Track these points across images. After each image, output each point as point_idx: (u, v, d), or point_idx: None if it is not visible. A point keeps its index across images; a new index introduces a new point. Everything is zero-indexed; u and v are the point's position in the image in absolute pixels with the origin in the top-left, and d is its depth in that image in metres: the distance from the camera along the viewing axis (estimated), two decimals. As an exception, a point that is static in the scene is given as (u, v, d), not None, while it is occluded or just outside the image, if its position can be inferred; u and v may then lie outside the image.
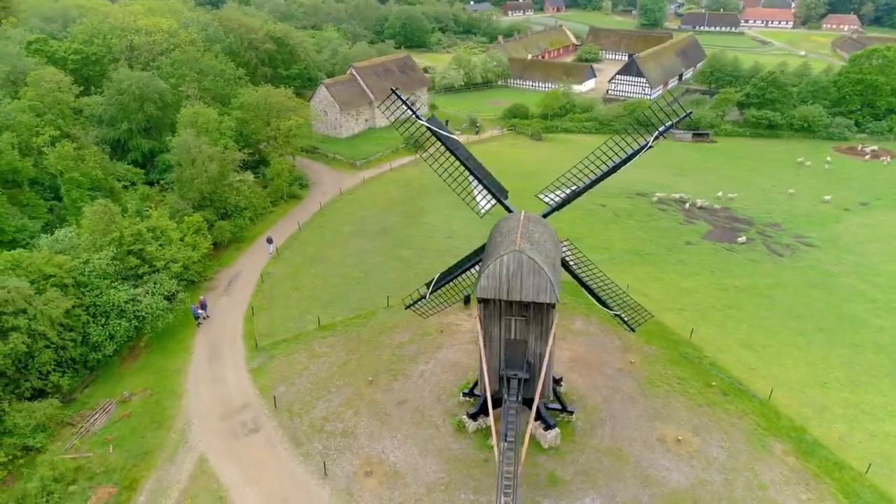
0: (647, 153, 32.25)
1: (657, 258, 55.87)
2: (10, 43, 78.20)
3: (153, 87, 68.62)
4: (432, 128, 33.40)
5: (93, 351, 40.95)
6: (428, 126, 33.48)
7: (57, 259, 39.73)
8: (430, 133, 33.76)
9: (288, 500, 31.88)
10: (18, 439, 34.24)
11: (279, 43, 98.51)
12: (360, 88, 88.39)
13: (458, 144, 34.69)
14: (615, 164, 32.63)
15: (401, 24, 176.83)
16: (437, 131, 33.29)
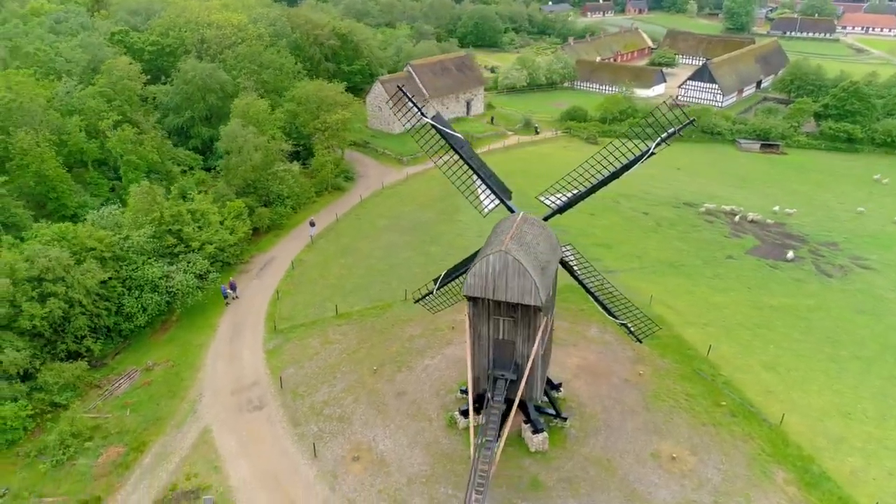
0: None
1: (691, 270, 53.83)
2: (96, 34, 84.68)
3: (215, 78, 72.61)
4: (436, 125, 33.78)
5: (126, 321, 44.03)
6: (433, 124, 33.91)
7: (98, 234, 42.98)
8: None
9: (276, 476, 33.26)
10: (47, 395, 37.41)
11: (343, 39, 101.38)
12: (416, 86, 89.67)
13: (462, 143, 34.84)
14: (616, 169, 31.88)
15: (473, 24, 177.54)
16: (442, 129, 33.68)
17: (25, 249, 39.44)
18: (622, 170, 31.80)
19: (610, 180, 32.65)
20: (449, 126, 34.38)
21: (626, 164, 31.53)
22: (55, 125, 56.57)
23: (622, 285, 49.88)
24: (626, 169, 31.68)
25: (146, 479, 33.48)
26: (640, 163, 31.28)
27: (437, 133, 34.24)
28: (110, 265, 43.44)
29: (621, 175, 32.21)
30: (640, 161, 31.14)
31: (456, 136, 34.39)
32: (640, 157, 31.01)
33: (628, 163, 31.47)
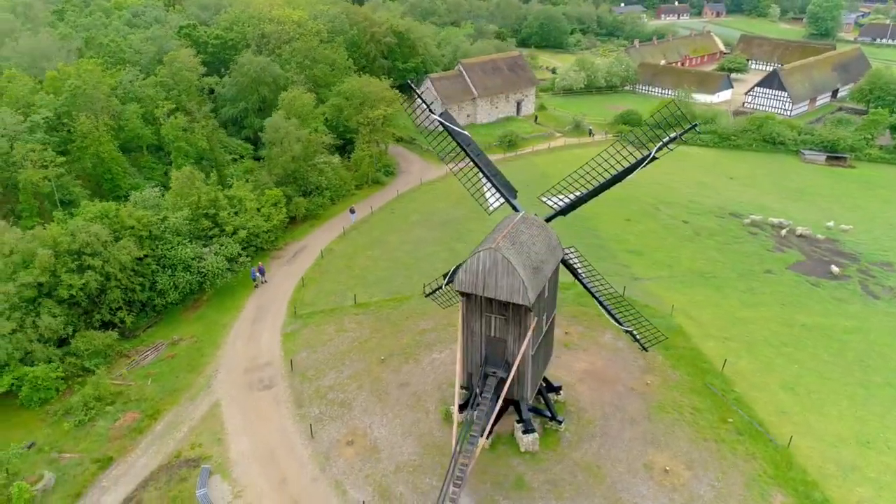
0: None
1: (723, 283, 51.89)
2: (167, 27, 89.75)
3: (269, 71, 75.60)
4: (444, 122, 34.22)
5: (159, 297, 46.80)
6: (440, 121, 34.37)
7: (137, 213, 45.85)
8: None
9: (273, 453, 34.69)
10: (78, 361, 40.39)
11: (400, 37, 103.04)
12: (466, 84, 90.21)
13: (469, 141, 35.11)
14: (618, 172, 31.39)
15: (539, 24, 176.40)
16: (449, 126, 34.08)
17: (70, 224, 42.60)
18: (624, 173, 31.28)
19: (612, 183, 32.18)
20: (456, 124, 34.74)
21: (628, 167, 30.97)
22: (115, 111, 60.61)
23: (645, 293, 48.99)
24: (628, 172, 31.11)
25: (155, 445, 35.66)
26: (642, 166, 30.61)
27: (445, 130, 34.58)
28: (147, 244, 46.26)
29: (624, 178, 31.58)
30: (643, 165, 30.49)
31: (463, 133, 34.72)
32: (641, 160, 30.43)
33: (630, 166, 30.92)
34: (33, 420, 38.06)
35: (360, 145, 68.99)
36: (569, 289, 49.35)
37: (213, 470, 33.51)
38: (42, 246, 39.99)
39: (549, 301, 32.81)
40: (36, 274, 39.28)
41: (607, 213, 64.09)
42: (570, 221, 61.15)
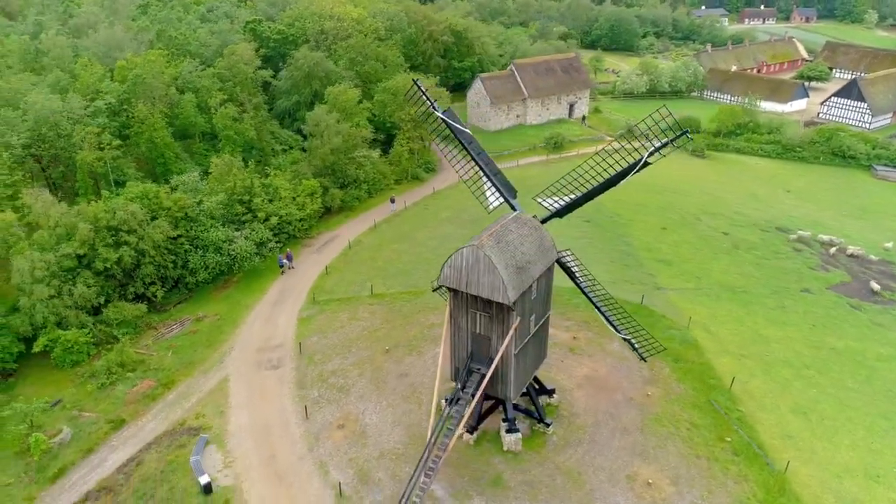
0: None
1: (752, 299, 49.69)
2: (235, 22, 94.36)
3: (322, 66, 78.20)
4: (447, 120, 34.67)
5: (190, 275, 49.63)
6: (443, 118, 34.82)
7: (174, 196, 48.79)
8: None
9: (268, 429, 36.32)
10: (108, 329, 43.52)
11: (458, 36, 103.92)
12: (516, 84, 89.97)
13: (471, 139, 35.40)
14: (610, 177, 30.95)
15: (609, 26, 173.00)
16: (452, 124, 34.54)
17: (111, 203, 45.95)
18: (617, 177, 30.74)
19: (604, 188, 31.74)
20: (459, 122, 35.13)
21: (620, 171, 30.47)
22: (173, 100, 64.53)
23: (665, 303, 47.69)
24: (621, 177, 30.59)
25: (164, 412, 38.08)
26: (634, 173, 30.04)
27: (447, 127, 35.05)
28: (183, 224, 49.19)
29: (618, 183, 31.07)
30: (634, 171, 29.92)
31: (464, 131, 35.05)
32: (633, 165, 29.86)
33: (621, 171, 30.42)
34: (63, 379, 41.41)
35: (399, 141, 70.27)
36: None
37: (209, 440, 35.48)
38: (83, 221, 43.36)
39: (538, 302, 32.66)
40: (76, 246, 42.70)
41: (643, 221, 62.62)
42: (603, 226, 60.94)
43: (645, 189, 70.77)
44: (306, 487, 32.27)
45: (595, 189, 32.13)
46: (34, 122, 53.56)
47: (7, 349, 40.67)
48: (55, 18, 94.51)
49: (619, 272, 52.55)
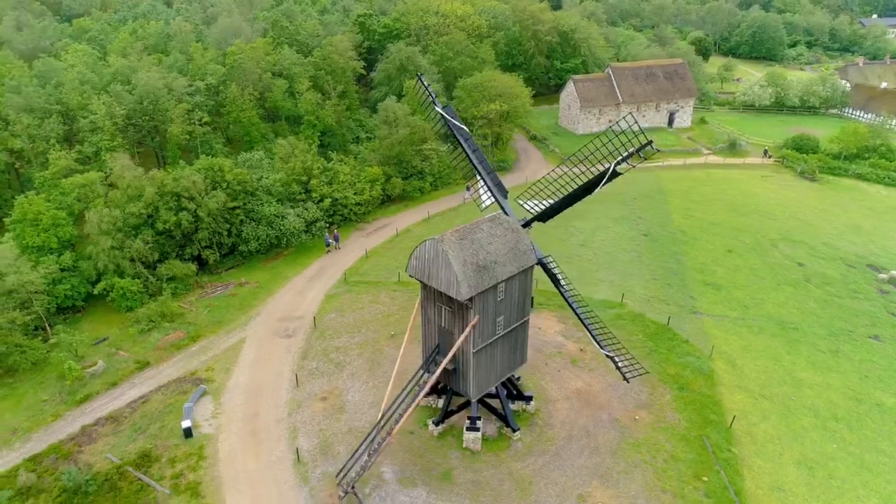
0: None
1: (802, 337, 44.84)
2: (348, 15, 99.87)
3: (413, 60, 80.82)
4: (446, 116, 35.19)
5: (243, 243, 54.15)
6: (442, 114, 35.40)
7: (236, 171, 53.40)
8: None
9: (261, 390, 39.19)
10: (159, 282, 48.89)
11: (564, 37, 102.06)
12: (611, 88, 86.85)
13: (467, 136, 35.59)
14: (581, 185, 29.95)
15: (751, 33, 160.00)
16: (450, 120, 35.04)
17: (178, 171, 51.40)
18: (588, 186, 29.69)
19: (578, 196, 30.80)
20: (458, 119, 35.47)
21: (590, 181, 29.44)
22: (265, 84, 70.21)
23: (693, 328, 44.73)
24: (593, 186, 29.45)
25: (183, 362, 42.33)
26: (604, 182, 28.81)
27: (445, 123, 35.52)
28: (241, 197, 53.73)
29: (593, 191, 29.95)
30: (605, 180, 28.71)
31: (462, 129, 35.38)
32: (601, 175, 28.70)
33: (592, 180, 29.34)
34: (116, 321, 47.24)
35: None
36: (612, 307, 46.95)
37: (207, 391, 39.03)
38: (150, 185, 49.01)
39: (508, 304, 32.27)
40: (140, 207, 48.39)
41: (709, 241, 58.42)
42: (660, 241, 57.85)
43: (728, 208, 65.89)
44: (273, 448, 34.58)
45: (569, 196, 31.24)
46: (139, 96, 61.05)
47: (77, 289, 47.18)
48: (199, 7, 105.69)
49: (657, 290, 49.71)
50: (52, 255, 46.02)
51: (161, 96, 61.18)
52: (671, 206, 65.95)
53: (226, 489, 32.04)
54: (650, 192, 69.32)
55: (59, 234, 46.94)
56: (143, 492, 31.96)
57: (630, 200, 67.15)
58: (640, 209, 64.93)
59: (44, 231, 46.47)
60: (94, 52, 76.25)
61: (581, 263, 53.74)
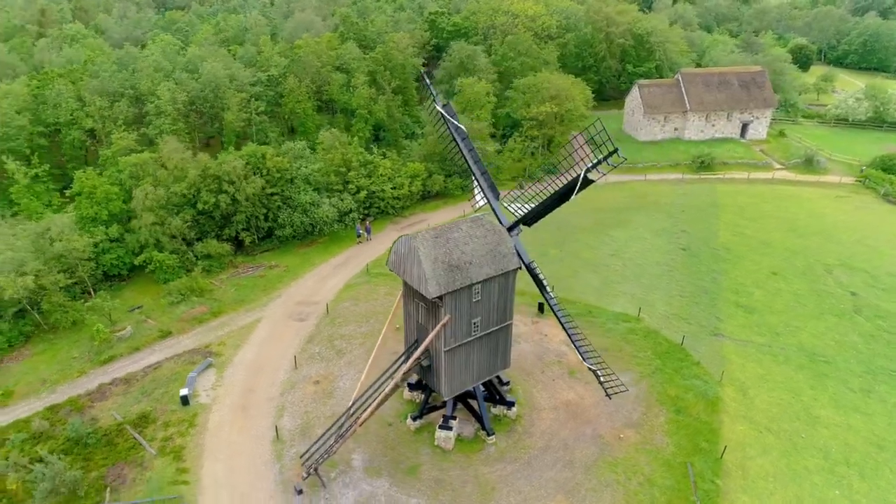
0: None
1: (832, 372, 41.28)
2: (422, 13, 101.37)
3: (473, 58, 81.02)
4: (444, 113, 35.30)
5: (279, 228, 56.64)
6: (441, 112, 35.49)
7: (276, 159, 55.87)
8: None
9: (262, 368, 41.05)
10: (194, 259, 52.11)
11: (639, 39, 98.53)
12: (679, 95, 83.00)
13: (465, 135, 35.47)
14: (556, 193, 29.30)
15: (861, 41, 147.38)
16: (448, 118, 35.11)
17: (222, 157, 54.50)
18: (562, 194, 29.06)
19: (554, 203, 30.23)
20: (456, 118, 35.48)
21: (562, 188, 28.81)
22: (323, 78, 72.82)
23: (709, 351, 42.46)
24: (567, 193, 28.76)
25: (201, 335, 45.01)
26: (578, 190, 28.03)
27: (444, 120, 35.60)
28: (280, 184, 56.20)
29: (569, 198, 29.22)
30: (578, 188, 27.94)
31: (460, 127, 35.36)
32: (573, 182, 27.99)
33: (565, 187, 28.67)
34: (153, 292, 50.82)
35: (515, 138, 70.34)
36: (627, 321, 45.31)
37: (213, 363, 41.36)
38: (194, 168, 52.30)
39: (484, 307, 31.96)
40: (183, 187, 51.76)
41: (754, 261, 54.81)
42: (699, 257, 55.23)
43: (786, 227, 61.52)
44: (258, 423, 36.21)
45: (546, 203, 30.73)
46: (202, 84, 65.18)
47: (122, 259, 51.23)
48: (283, 2, 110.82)
49: (680, 307, 47.38)
50: (102, 227, 50.12)
51: (223, 85, 64.96)
52: (721, 221, 62.36)
53: (206, 456, 33.94)
54: (701, 205, 65.85)
55: (109, 208, 51.06)
56: (134, 449, 34.45)
57: (678, 212, 64.14)
58: (685, 222, 61.87)
59: (97, 204, 50.71)
60: (177, 42, 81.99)
61: (606, 273, 52.06)
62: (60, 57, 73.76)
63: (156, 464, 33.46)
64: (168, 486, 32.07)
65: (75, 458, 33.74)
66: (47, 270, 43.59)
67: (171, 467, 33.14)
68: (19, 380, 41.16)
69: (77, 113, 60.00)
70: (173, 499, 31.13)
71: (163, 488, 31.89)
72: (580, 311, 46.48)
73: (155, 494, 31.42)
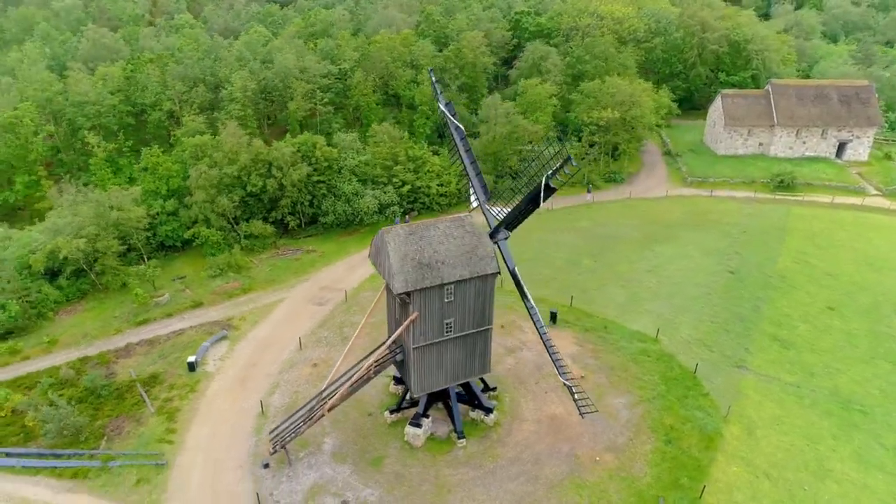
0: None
1: (866, 423, 36.92)
2: (508, 13, 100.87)
3: (547, 60, 79.69)
4: (445, 112, 35.34)
5: (322, 215, 58.97)
6: (442, 110, 35.53)
7: (326, 149, 58.11)
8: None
9: (269, 347, 43.14)
10: (238, 237, 55.46)
11: (735, 47, 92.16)
12: (766, 107, 76.81)
13: (463, 135, 35.28)
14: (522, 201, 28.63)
15: None
16: (449, 116, 35.16)
17: (275, 144, 57.47)
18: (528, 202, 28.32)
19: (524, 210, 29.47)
20: (457, 117, 35.42)
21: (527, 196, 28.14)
22: (390, 72, 74.58)
23: (725, 384, 39.84)
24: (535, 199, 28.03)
25: (226, 308, 47.97)
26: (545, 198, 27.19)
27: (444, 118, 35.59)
28: (327, 173, 58.46)
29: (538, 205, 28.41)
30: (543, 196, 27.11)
31: (459, 127, 35.31)
32: (537, 190, 27.24)
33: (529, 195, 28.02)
34: (199, 264, 54.63)
35: (573, 143, 68.37)
36: (642, 341, 43.08)
37: (227, 336, 43.98)
38: (246, 152, 55.58)
39: (458, 308, 31.73)
40: (235, 169, 55.16)
41: (811, 293, 50.09)
42: (746, 282, 51.80)
43: (859, 259, 55.67)
44: (251, 397, 38.17)
45: (519, 208, 29.86)
46: (273, 74, 68.96)
47: (176, 231, 55.56)
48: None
49: (707, 334, 44.27)
50: (160, 201, 54.61)
51: (292, 76, 68.32)
52: (785, 246, 57.31)
53: (195, 421, 36.30)
54: (767, 227, 60.81)
55: (169, 184, 55.50)
56: (138, 406, 37.52)
57: (737, 233, 59.68)
58: (743, 244, 57.44)
59: (159, 179, 55.30)
60: (268, 34, 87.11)
61: (636, 289, 49.57)
62: (159, 44, 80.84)
63: (151, 421, 36.25)
64: (154, 442, 34.66)
65: (87, 406, 37.28)
66: (103, 236, 48.12)
67: (162, 426, 35.77)
68: (66, 331, 45.94)
69: (160, 95, 65.62)
70: (154, 455, 33.60)
71: (149, 444, 34.51)
72: (595, 326, 44.75)
73: (141, 449, 34.09)
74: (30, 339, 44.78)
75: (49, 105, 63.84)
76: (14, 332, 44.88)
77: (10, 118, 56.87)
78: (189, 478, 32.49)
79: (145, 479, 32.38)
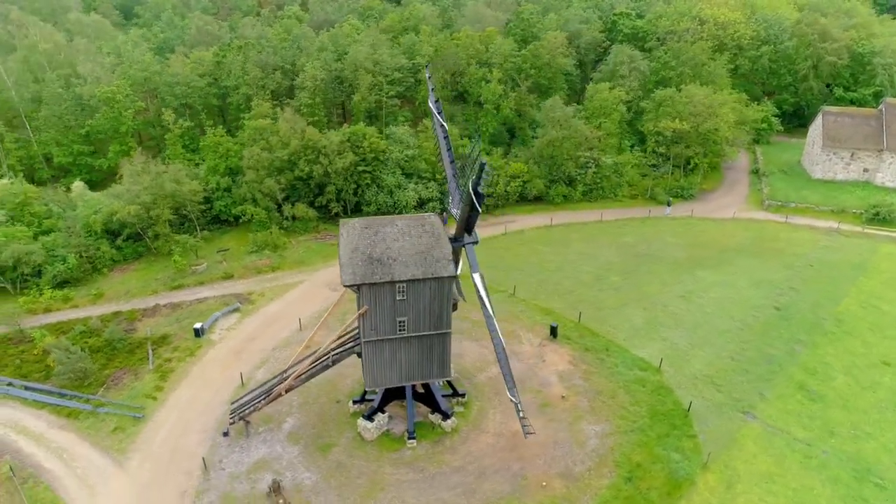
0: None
1: (881, 495, 32.03)
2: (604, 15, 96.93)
3: (631, 64, 75.84)
4: (434, 109, 35.07)
5: (364, 204, 60.59)
6: (432, 107, 35.29)
7: (374, 140, 59.50)
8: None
9: (273, 323, 45.27)
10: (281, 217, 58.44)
11: (857, 59, 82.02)
12: (877, 129, 67.78)
13: (446, 134, 34.68)
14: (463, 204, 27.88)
15: None
16: (436, 115, 34.85)
17: (328, 133, 59.73)
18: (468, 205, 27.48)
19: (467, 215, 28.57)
20: (443, 116, 35.10)
21: (465, 203, 27.62)
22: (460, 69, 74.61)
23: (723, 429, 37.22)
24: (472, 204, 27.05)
25: (253, 283, 50.84)
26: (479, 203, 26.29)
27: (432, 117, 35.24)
28: (374, 164, 59.94)
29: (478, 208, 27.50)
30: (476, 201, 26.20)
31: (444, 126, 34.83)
32: (469, 197, 26.36)
33: (466, 200, 27.13)
34: (245, 240, 58.16)
35: (634, 152, 64.60)
36: (642, 369, 40.25)
37: (240, 309, 46.67)
38: (296, 138, 58.27)
39: (412, 308, 31.53)
40: (285, 153, 58.04)
41: (867, 342, 44.19)
42: (791, 320, 48.66)
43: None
44: (239, 368, 40.30)
45: (463, 215, 29.10)
46: (343, 65, 71.46)
47: (229, 207, 59.64)
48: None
49: (720, 372, 40.34)
50: (217, 177, 58.87)
51: (363, 67, 70.34)
52: (856, 287, 50.58)
53: (183, 383, 39.06)
54: (840, 263, 53.93)
55: (228, 163, 59.60)
56: (142, 361, 40.99)
57: (801, 265, 53.53)
58: (804, 278, 51.45)
59: (218, 157, 59.59)
60: (361, 26, 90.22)
61: (658, 314, 46.17)
62: (254, 32, 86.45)
63: (146, 378, 39.47)
64: (142, 397, 37.75)
65: (101, 356, 41.29)
66: (159, 205, 52.72)
67: (152, 384, 38.85)
68: (113, 287, 51.01)
69: (239, 80, 70.40)
70: (136, 407, 36.61)
71: (137, 398, 37.64)
72: (596, 346, 42.38)
73: (128, 401, 37.26)
74: (81, 290, 50.23)
75: (147, 84, 70.74)
76: (70, 283, 50.53)
77: (106, 93, 63.78)
78: (157, 434, 35.09)
79: (121, 427, 35.44)
